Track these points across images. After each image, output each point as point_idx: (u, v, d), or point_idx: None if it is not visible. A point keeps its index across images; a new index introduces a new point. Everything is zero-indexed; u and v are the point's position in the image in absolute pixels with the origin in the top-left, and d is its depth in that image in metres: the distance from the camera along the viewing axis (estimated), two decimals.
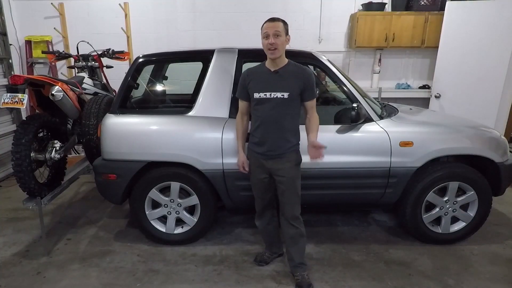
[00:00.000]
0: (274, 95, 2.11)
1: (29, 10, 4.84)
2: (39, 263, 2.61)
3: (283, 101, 2.11)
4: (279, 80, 2.12)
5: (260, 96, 2.14)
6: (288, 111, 2.13)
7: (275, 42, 2.03)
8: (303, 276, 2.32)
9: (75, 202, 3.70)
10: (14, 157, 2.55)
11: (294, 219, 2.27)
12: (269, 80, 2.13)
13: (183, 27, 5.02)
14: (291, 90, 2.11)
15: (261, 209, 2.42)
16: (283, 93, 2.10)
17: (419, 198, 2.67)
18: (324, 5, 4.98)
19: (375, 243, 2.86)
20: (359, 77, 5.17)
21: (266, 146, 2.17)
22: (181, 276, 2.46)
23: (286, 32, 2.09)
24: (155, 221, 2.78)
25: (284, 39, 2.08)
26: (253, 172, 2.31)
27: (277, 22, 2.06)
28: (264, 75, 2.15)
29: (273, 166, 2.20)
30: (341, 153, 2.57)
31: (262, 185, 2.30)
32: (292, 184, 2.20)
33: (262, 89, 2.13)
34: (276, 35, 2.03)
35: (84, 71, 3.71)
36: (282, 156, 2.17)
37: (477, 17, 4.32)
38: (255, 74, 2.20)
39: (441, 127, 2.68)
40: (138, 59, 2.75)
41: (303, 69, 2.15)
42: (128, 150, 2.59)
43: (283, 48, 2.09)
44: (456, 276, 2.44)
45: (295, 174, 2.21)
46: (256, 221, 2.49)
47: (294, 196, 2.23)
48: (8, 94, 2.63)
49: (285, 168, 2.18)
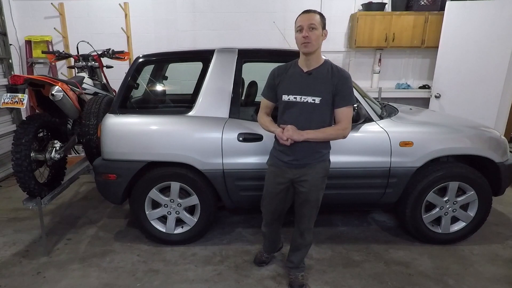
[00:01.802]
0: (304, 99, 1.92)
1: (29, 10, 4.84)
2: (39, 263, 2.61)
3: (313, 107, 1.92)
4: (311, 82, 1.92)
5: (290, 99, 1.95)
6: (318, 118, 1.95)
7: (309, 35, 1.83)
8: (296, 276, 2.30)
9: (75, 202, 3.70)
10: (14, 157, 2.55)
11: (306, 231, 2.19)
12: (301, 81, 1.94)
13: (183, 27, 5.01)
14: (323, 94, 1.91)
15: (270, 218, 2.29)
16: (314, 98, 1.91)
17: (419, 198, 2.67)
18: (324, 5, 4.98)
19: (375, 243, 2.86)
20: (359, 77, 5.17)
21: (291, 155, 2.00)
22: (181, 276, 2.46)
23: (323, 26, 1.89)
24: (155, 221, 2.78)
25: (320, 33, 1.87)
26: (270, 181, 2.14)
27: (312, 14, 1.85)
28: (296, 76, 1.96)
29: (297, 176, 2.04)
30: (341, 153, 2.56)
31: (277, 196, 2.14)
32: (315, 196, 2.06)
33: (292, 91, 1.94)
34: (311, 28, 1.83)
35: (84, 71, 3.70)
36: (309, 166, 2.01)
37: (477, 17, 4.32)
38: (287, 74, 2.00)
39: (441, 127, 2.68)
40: (138, 59, 2.75)
41: (338, 71, 1.93)
42: (128, 150, 2.59)
43: (317, 43, 1.87)
44: (456, 276, 2.44)
45: (320, 186, 2.06)
46: (263, 228, 2.38)
47: (313, 209, 2.11)
48: (8, 94, 2.63)
49: (310, 180, 2.02)
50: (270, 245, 2.52)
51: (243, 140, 2.53)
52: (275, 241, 2.52)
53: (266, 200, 2.22)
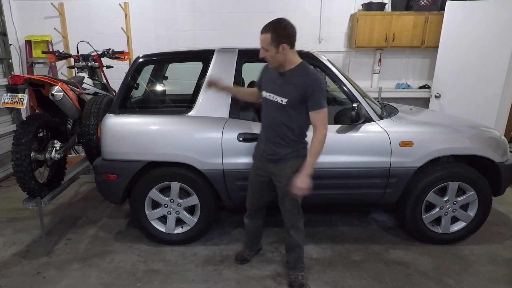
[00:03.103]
0: (275, 99, 2.02)
1: (29, 10, 4.84)
2: (39, 263, 2.61)
3: (281, 107, 1.99)
4: (282, 83, 2.00)
5: (266, 96, 2.08)
6: (286, 118, 2.01)
7: (265, 56, 1.96)
8: (296, 276, 2.32)
9: (75, 202, 3.70)
10: (14, 157, 2.55)
11: (292, 228, 2.23)
12: (275, 81, 2.04)
13: (183, 27, 5.01)
14: (290, 97, 1.96)
15: (252, 209, 2.39)
16: (282, 99, 1.98)
17: (419, 198, 2.67)
18: (324, 5, 4.98)
19: (375, 243, 2.86)
20: (359, 77, 5.16)
21: (266, 148, 2.13)
22: (181, 276, 2.46)
23: (277, 42, 1.89)
24: (155, 221, 2.77)
25: (273, 53, 1.92)
26: (253, 172, 2.28)
27: (263, 36, 1.91)
28: (274, 75, 2.06)
29: (273, 170, 2.13)
30: (341, 153, 2.57)
31: (259, 187, 2.26)
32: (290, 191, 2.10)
33: (269, 88, 2.07)
34: (264, 49, 1.94)
35: (84, 71, 3.70)
36: (284, 161, 2.08)
37: (477, 17, 4.31)
38: (268, 72, 2.12)
39: (441, 127, 2.68)
40: (138, 59, 2.75)
41: (308, 74, 1.95)
42: (128, 150, 2.59)
43: (275, 60, 1.95)
44: (456, 276, 2.44)
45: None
46: (245, 218, 2.47)
47: (293, 204, 2.15)
48: (8, 94, 2.63)
49: (284, 174, 2.08)
50: (250, 239, 2.58)
51: (243, 140, 2.53)
52: (255, 236, 2.57)
53: (249, 191, 2.35)
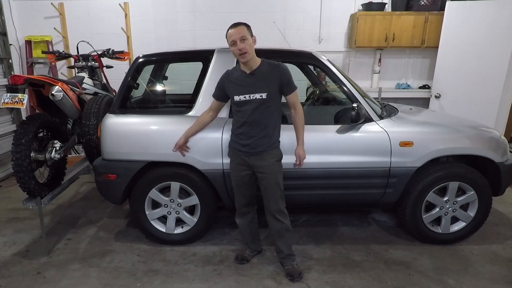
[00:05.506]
0: (253, 97, 2.19)
1: (29, 10, 4.84)
2: (39, 263, 2.61)
3: (262, 101, 2.19)
4: (255, 81, 2.19)
5: (240, 99, 2.22)
6: (268, 109, 2.22)
7: (244, 46, 2.09)
8: (292, 266, 2.43)
9: (75, 202, 3.70)
10: (14, 157, 2.55)
11: (279, 213, 2.34)
12: (247, 82, 2.21)
13: (183, 27, 5.02)
14: (268, 89, 2.19)
15: (242, 207, 2.47)
16: (261, 94, 2.18)
17: (419, 198, 2.67)
18: (324, 5, 4.98)
19: (375, 243, 2.86)
20: (359, 77, 5.17)
21: (249, 144, 2.25)
22: (181, 276, 2.46)
23: (251, 34, 2.17)
24: (155, 221, 2.77)
25: (251, 41, 2.15)
26: (234, 170, 2.37)
27: (240, 27, 2.12)
28: (242, 78, 2.22)
29: (256, 163, 2.27)
30: (341, 153, 2.57)
31: (243, 183, 2.36)
32: (274, 179, 2.27)
33: (241, 92, 2.21)
34: (243, 39, 2.10)
35: (84, 71, 3.70)
36: (264, 153, 2.25)
37: (477, 17, 4.31)
38: (232, 78, 2.27)
39: (441, 127, 2.68)
40: (138, 59, 2.75)
41: (276, 66, 2.21)
42: (128, 150, 2.59)
43: (252, 50, 2.15)
44: (456, 276, 2.44)
45: (277, 170, 2.29)
46: (236, 218, 2.54)
47: (277, 190, 2.29)
48: (8, 94, 2.63)
49: (268, 165, 2.26)
50: (247, 237, 2.60)
51: None
52: (251, 233, 2.59)
53: (235, 190, 2.43)
